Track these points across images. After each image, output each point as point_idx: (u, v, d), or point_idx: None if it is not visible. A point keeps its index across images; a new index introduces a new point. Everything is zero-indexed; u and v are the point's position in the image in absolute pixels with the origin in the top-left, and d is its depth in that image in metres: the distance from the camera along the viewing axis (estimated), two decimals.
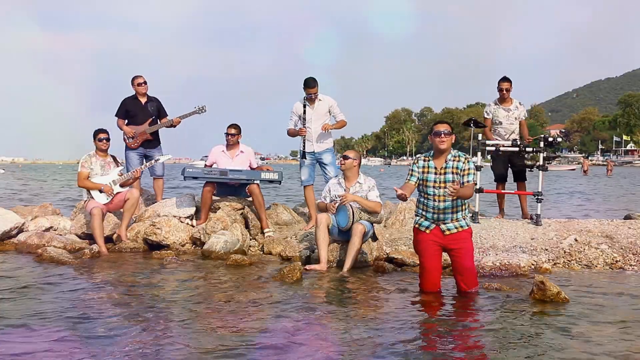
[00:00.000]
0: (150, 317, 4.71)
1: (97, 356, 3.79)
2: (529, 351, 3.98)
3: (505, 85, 8.68)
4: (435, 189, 5.46)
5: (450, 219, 5.50)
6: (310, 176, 8.50)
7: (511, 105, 8.78)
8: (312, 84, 8.24)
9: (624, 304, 5.25)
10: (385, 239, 7.70)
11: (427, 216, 5.57)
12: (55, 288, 5.69)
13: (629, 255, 7.08)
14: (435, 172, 5.51)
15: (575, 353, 3.92)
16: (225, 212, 8.24)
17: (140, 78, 9.03)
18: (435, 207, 5.48)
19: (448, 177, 5.46)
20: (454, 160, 5.52)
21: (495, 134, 8.84)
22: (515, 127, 8.78)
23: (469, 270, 5.59)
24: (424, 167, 5.57)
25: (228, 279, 6.23)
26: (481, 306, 5.25)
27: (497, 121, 8.80)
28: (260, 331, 4.36)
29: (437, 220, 5.53)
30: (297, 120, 8.47)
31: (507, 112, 8.75)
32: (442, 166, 5.51)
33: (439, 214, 5.50)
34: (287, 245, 7.65)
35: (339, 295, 5.61)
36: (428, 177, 5.52)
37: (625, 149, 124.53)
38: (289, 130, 8.54)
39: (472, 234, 5.66)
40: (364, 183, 7.07)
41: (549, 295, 5.15)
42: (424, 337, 4.33)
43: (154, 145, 9.13)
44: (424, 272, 5.66)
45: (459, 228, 5.52)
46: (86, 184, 8.10)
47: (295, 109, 8.49)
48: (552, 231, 7.77)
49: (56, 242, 7.79)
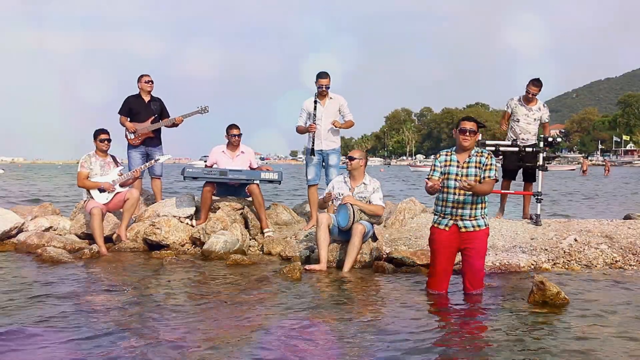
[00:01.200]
0: (149, 316, 4.71)
1: (97, 356, 3.79)
2: (527, 351, 3.98)
3: (533, 90, 8.66)
4: (457, 182, 5.41)
5: (468, 216, 5.45)
6: (316, 175, 8.49)
7: (534, 106, 8.77)
8: (325, 75, 8.31)
9: (624, 304, 5.25)
10: (385, 239, 7.70)
11: (445, 212, 5.51)
12: (55, 288, 5.69)
13: (629, 255, 7.08)
14: (457, 165, 5.48)
15: (574, 353, 3.92)
16: (225, 212, 8.24)
17: (148, 77, 9.10)
18: (456, 200, 5.43)
19: (471, 170, 5.43)
20: (477, 156, 5.49)
21: (510, 131, 8.87)
22: (533, 127, 8.75)
23: (478, 272, 5.57)
24: (446, 160, 5.54)
25: (228, 279, 6.23)
26: (481, 306, 5.25)
27: (515, 118, 8.80)
28: (259, 331, 4.36)
29: (455, 216, 5.47)
30: (307, 117, 8.47)
31: (527, 111, 8.74)
32: (465, 160, 5.48)
33: (459, 208, 5.44)
34: (287, 245, 7.65)
35: (338, 296, 5.61)
36: (450, 170, 5.48)
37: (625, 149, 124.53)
38: (299, 127, 8.54)
39: (488, 235, 5.62)
40: (369, 184, 7.06)
41: (548, 295, 5.14)
42: (423, 337, 4.32)
43: (155, 143, 9.15)
44: (434, 273, 5.63)
45: (476, 227, 5.48)
46: (86, 184, 8.10)
47: (305, 105, 8.50)
48: (552, 231, 7.77)
49: (56, 242, 7.78)
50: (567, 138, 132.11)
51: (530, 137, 8.69)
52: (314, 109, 8.36)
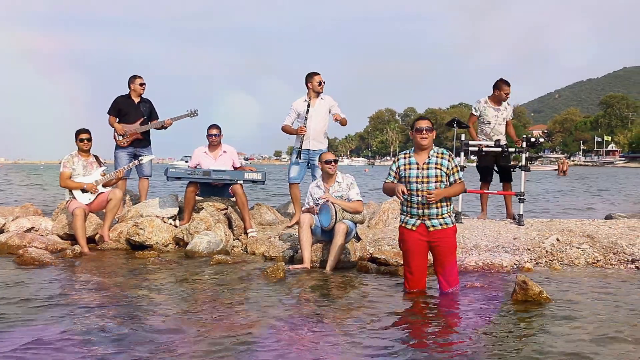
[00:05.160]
0: (132, 317, 4.68)
1: (78, 357, 3.77)
2: (509, 351, 4.00)
3: (508, 89, 8.68)
4: (419, 184, 5.43)
5: (435, 215, 5.48)
6: (298, 175, 8.50)
7: (501, 106, 8.81)
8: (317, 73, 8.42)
9: (605, 303, 5.29)
10: (369, 239, 7.72)
11: (412, 213, 5.54)
12: (36, 289, 5.64)
13: (610, 255, 7.15)
14: (417, 167, 5.48)
15: (556, 352, 3.94)
16: (209, 213, 8.22)
17: (141, 79, 9.10)
18: (420, 202, 5.46)
19: (431, 172, 5.44)
20: (437, 157, 5.50)
21: (481, 133, 8.85)
22: (503, 128, 8.80)
23: (450, 267, 5.60)
24: (405, 164, 5.56)
25: (211, 279, 6.21)
26: (463, 306, 5.27)
27: (484, 120, 8.80)
28: (243, 331, 4.35)
29: (422, 216, 5.49)
30: (296, 117, 8.46)
31: (496, 112, 8.76)
32: (424, 161, 5.49)
33: (424, 209, 5.46)
34: (271, 245, 7.64)
35: (322, 295, 5.61)
36: (410, 174, 5.49)
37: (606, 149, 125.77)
38: (285, 127, 8.52)
39: (456, 232, 5.66)
40: (343, 182, 7.07)
41: (531, 294, 5.18)
42: (406, 337, 4.34)
43: (144, 144, 9.15)
44: (409, 271, 5.65)
45: (443, 225, 5.51)
46: (68, 184, 8.05)
47: (295, 105, 8.49)
48: (534, 231, 7.83)
49: (37, 243, 7.71)
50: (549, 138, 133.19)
51: (502, 138, 8.71)
52: (305, 111, 8.35)
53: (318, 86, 8.35)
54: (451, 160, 5.53)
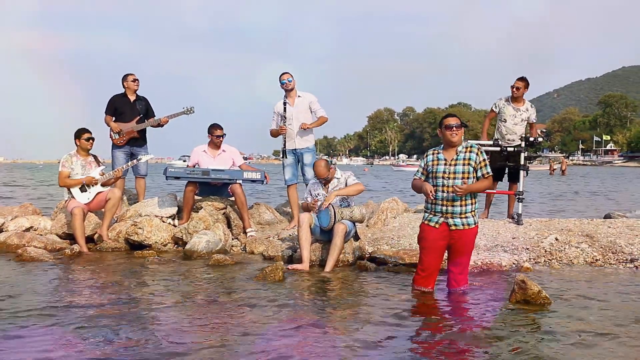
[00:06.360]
0: (130, 317, 4.68)
1: (77, 355, 3.76)
2: (508, 350, 4.00)
3: (517, 83, 8.63)
4: (445, 180, 5.40)
5: (459, 213, 5.43)
6: (293, 175, 8.51)
7: (522, 106, 8.72)
8: (286, 73, 8.42)
9: (603, 302, 5.30)
10: (368, 238, 7.72)
11: (436, 210, 5.49)
12: (35, 288, 5.63)
13: (609, 254, 7.15)
14: (445, 163, 5.45)
15: (555, 351, 3.95)
16: (208, 212, 8.21)
17: (134, 75, 9.10)
18: (445, 198, 5.42)
19: (458, 168, 5.41)
20: (466, 152, 5.47)
21: (496, 131, 8.83)
22: (519, 128, 8.65)
23: (463, 267, 5.60)
24: (433, 160, 5.53)
25: (210, 278, 6.21)
26: (463, 305, 5.27)
27: (502, 117, 8.74)
28: (241, 331, 4.35)
29: (445, 214, 5.45)
30: (280, 119, 8.47)
31: (515, 112, 8.66)
32: (452, 157, 5.46)
33: (448, 205, 5.43)
34: (270, 244, 7.64)
35: (321, 295, 5.61)
36: (437, 169, 5.46)
37: (605, 148, 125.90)
38: (272, 131, 8.55)
39: (476, 234, 5.61)
40: (341, 177, 7.12)
41: (529, 294, 5.18)
42: (406, 336, 4.34)
43: (140, 143, 9.12)
44: (421, 269, 5.63)
45: (465, 226, 5.45)
46: (67, 183, 8.04)
47: (276, 108, 8.51)
48: (533, 230, 7.83)
49: (36, 242, 7.71)
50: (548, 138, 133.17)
51: (516, 138, 8.61)
52: (283, 110, 8.37)
53: (283, 85, 8.39)
54: (479, 154, 5.48)
